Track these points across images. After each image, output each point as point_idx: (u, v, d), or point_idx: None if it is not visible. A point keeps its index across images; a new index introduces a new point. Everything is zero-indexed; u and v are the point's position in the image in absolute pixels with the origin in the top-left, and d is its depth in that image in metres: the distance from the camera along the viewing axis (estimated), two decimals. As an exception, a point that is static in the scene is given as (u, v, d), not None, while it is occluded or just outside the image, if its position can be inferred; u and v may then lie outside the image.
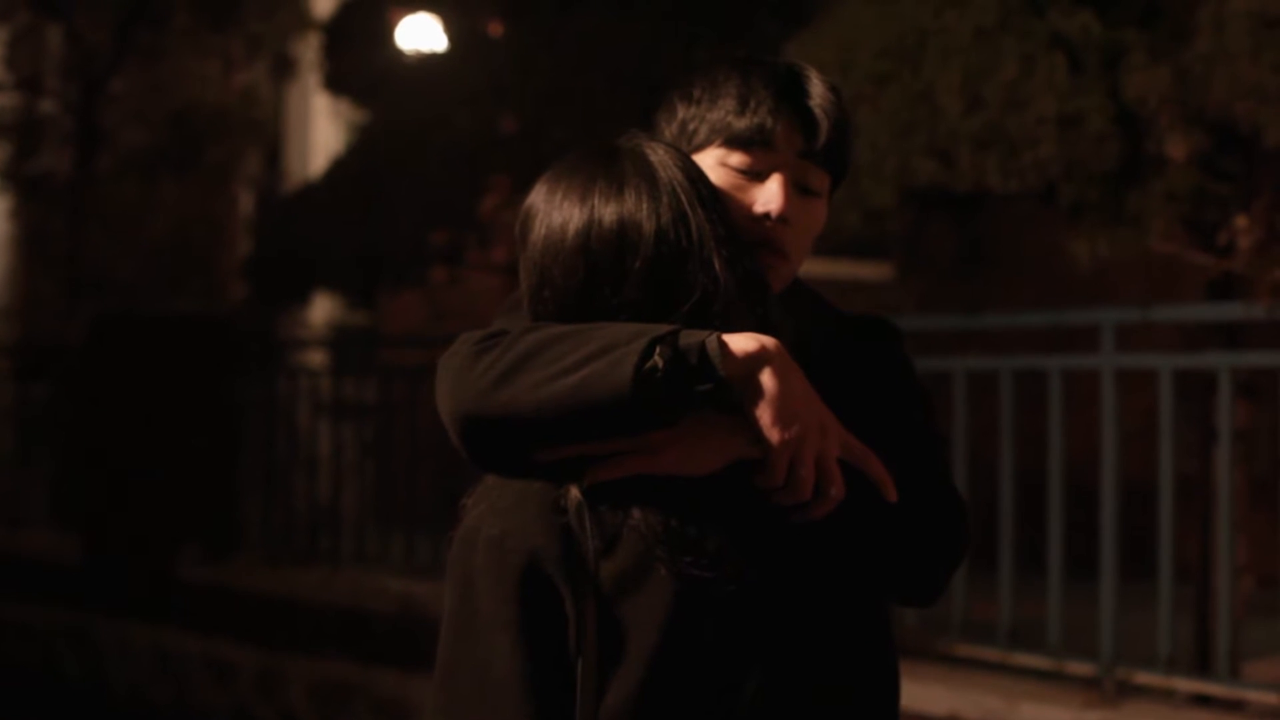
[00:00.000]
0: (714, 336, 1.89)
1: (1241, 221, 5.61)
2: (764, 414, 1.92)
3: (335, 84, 10.61)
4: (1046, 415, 6.11)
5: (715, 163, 2.13)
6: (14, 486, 11.78)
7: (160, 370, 9.91)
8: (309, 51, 12.26)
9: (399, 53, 10.18)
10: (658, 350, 1.86)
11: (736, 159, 2.13)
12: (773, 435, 1.91)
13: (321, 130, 14.02)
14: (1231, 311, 5.86)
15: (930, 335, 7.03)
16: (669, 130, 2.19)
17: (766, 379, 1.92)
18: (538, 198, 2.04)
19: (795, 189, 2.14)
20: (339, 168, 10.02)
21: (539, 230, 2.01)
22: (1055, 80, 5.73)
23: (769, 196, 2.12)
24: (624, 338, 1.88)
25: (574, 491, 1.91)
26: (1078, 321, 6.50)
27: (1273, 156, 5.77)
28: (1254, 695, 5.64)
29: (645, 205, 1.97)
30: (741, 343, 1.91)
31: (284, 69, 13.07)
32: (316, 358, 10.69)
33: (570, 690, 1.89)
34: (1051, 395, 6.10)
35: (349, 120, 12.77)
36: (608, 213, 1.97)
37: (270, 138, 14.07)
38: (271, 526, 9.72)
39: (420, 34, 10.10)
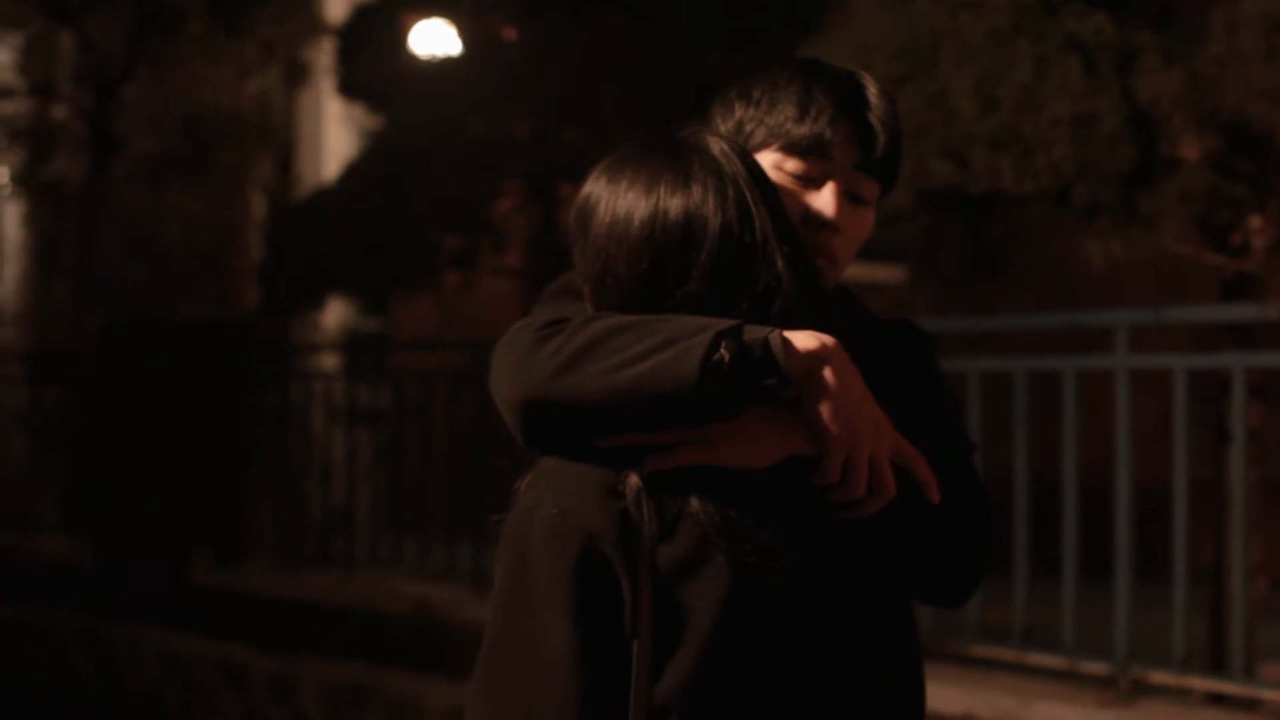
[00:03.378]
0: (777, 333, 1.91)
1: (1255, 222, 5.62)
2: (823, 411, 1.94)
3: (349, 89, 10.64)
4: (1060, 417, 6.12)
5: (770, 166, 2.15)
6: (27, 491, 11.81)
7: (172, 375, 9.92)
8: (322, 57, 12.32)
9: (412, 58, 10.20)
10: (723, 344, 1.87)
11: (792, 165, 2.16)
12: (830, 433, 1.94)
13: (334, 136, 14.06)
14: (1245, 312, 5.86)
15: (943, 337, 7.00)
16: (725, 127, 2.21)
17: (827, 377, 1.94)
18: (598, 186, 2.04)
19: (847, 198, 2.18)
20: (352, 173, 10.04)
21: (603, 218, 2.01)
22: (1069, 82, 5.75)
23: (823, 204, 2.16)
24: (689, 330, 1.90)
25: (633, 478, 1.92)
26: (1091, 323, 6.50)
27: (1286, 157, 5.78)
28: (1269, 694, 5.64)
29: (711, 200, 1.98)
30: (803, 340, 1.93)
31: (297, 75, 13.11)
32: (329, 362, 10.71)
33: (620, 673, 1.90)
34: (1065, 396, 6.10)
35: (361, 126, 12.83)
36: (674, 205, 1.98)
37: (283, 143, 14.11)
38: (284, 530, 9.73)
39: (434, 39, 10.12)
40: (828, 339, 1.95)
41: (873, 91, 2.20)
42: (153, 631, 9.66)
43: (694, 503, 1.91)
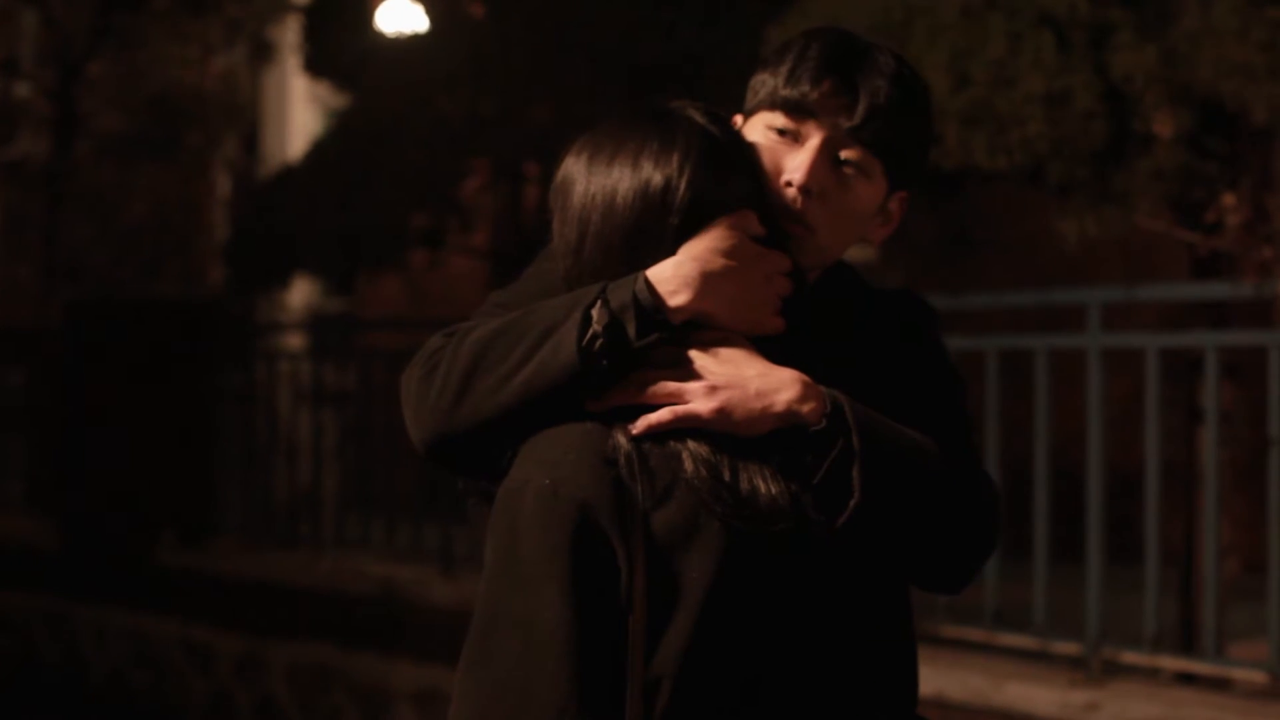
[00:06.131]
0: (641, 280, 1.93)
1: (1228, 200, 5.60)
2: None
3: (315, 67, 10.55)
4: (1032, 397, 6.09)
5: (764, 125, 2.12)
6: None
7: (138, 355, 9.86)
8: (288, 35, 12.22)
9: (379, 36, 10.13)
10: (595, 317, 1.90)
11: (780, 121, 2.11)
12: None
13: (299, 114, 13.97)
14: (1218, 290, 5.85)
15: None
16: (750, 95, 2.19)
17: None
18: (580, 159, 2.04)
19: (832, 163, 2.11)
20: (318, 151, 9.96)
21: (592, 185, 2.01)
22: (1042, 58, 5.71)
23: (795, 165, 2.09)
24: (561, 315, 1.93)
25: (624, 444, 1.91)
26: (1063, 301, 6.48)
27: (1259, 135, 5.77)
28: (1240, 674, 5.64)
29: (688, 168, 1.98)
30: (669, 270, 1.95)
31: (262, 53, 13.03)
32: (295, 342, 10.65)
33: (615, 645, 1.87)
34: (1037, 375, 6.08)
35: (327, 104, 12.74)
36: (652, 174, 1.98)
37: (249, 122, 14.03)
38: (251, 511, 9.69)
39: (401, 16, 10.05)
40: (691, 260, 1.94)
41: (884, 61, 2.13)
42: (118, 613, 9.61)
43: (687, 467, 1.90)
